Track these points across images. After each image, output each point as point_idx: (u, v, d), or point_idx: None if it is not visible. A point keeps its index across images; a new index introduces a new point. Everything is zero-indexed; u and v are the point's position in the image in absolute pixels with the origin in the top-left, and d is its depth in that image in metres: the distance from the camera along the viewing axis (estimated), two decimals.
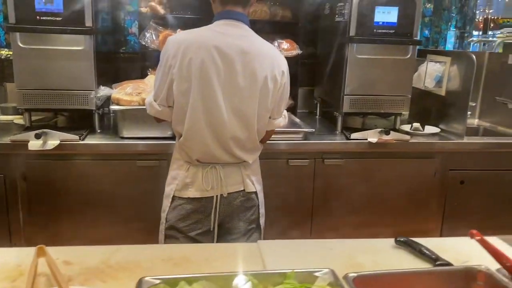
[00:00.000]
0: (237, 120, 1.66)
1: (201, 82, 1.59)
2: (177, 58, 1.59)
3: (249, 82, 1.63)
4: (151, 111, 1.74)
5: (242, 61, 1.61)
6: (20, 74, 2.25)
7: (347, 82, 2.48)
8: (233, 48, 1.61)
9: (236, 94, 1.63)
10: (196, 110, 1.62)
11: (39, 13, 2.20)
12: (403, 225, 2.56)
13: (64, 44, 2.24)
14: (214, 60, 1.59)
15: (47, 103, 2.29)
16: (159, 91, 1.68)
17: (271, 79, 1.66)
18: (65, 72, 2.27)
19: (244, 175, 1.77)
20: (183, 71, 1.59)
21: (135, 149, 2.26)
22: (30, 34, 2.21)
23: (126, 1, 2.97)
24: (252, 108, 1.66)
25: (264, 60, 1.65)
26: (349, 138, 2.42)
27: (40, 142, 2.13)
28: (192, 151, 1.70)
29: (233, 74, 1.61)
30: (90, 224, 2.31)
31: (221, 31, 1.65)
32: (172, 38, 1.69)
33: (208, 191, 1.72)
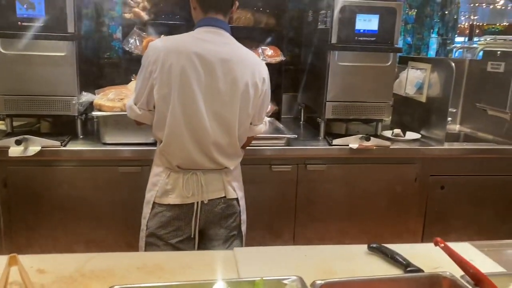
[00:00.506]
0: (218, 126, 1.67)
1: (181, 88, 1.60)
2: (157, 63, 1.61)
3: (230, 88, 1.65)
4: (131, 114, 1.75)
5: (223, 68, 1.63)
6: (1, 79, 2.24)
7: (329, 89, 2.50)
8: (214, 55, 1.63)
9: (217, 99, 1.64)
10: (176, 116, 1.63)
11: (21, 19, 2.19)
12: (384, 230, 2.59)
13: (46, 50, 2.23)
14: (195, 66, 1.61)
15: (29, 109, 2.28)
16: (139, 95, 1.69)
17: (252, 85, 1.68)
18: (47, 78, 2.26)
19: (225, 182, 1.78)
20: (163, 77, 1.60)
21: (117, 155, 2.26)
22: (11, 40, 2.20)
23: (110, 7, 2.97)
24: (233, 113, 1.68)
25: (245, 66, 1.68)
26: (331, 144, 2.44)
27: (21, 149, 2.12)
28: (173, 157, 1.70)
29: (214, 80, 1.63)
30: (71, 230, 2.30)
31: (202, 37, 1.67)
32: (153, 43, 1.70)
33: (189, 198, 1.73)
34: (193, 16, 1.78)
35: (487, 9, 7.94)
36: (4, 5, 2.17)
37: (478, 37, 5.75)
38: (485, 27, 8.72)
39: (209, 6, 1.70)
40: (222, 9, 1.72)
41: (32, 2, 2.18)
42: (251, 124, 1.80)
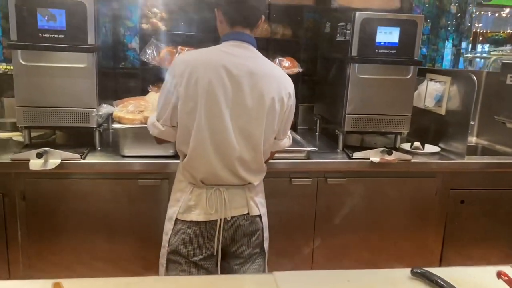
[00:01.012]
0: (244, 141, 1.65)
1: (207, 102, 1.58)
2: (183, 77, 1.59)
3: (257, 103, 1.63)
4: (154, 131, 1.73)
5: (250, 82, 1.61)
6: (20, 91, 2.22)
7: (349, 101, 2.49)
8: (241, 69, 1.61)
9: (243, 114, 1.62)
10: (201, 130, 1.60)
11: (42, 30, 2.17)
12: (404, 243, 2.57)
13: (66, 62, 2.21)
14: (222, 80, 1.58)
15: (47, 120, 2.26)
16: (163, 111, 1.67)
17: (278, 100, 1.66)
18: (67, 90, 2.24)
19: (249, 198, 1.75)
20: (189, 90, 1.58)
21: (136, 168, 2.23)
22: (31, 51, 2.19)
23: (126, 16, 2.97)
24: (259, 129, 1.65)
25: (271, 81, 1.66)
26: (351, 157, 2.42)
27: (41, 162, 2.09)
28: (197, 171, 1.68)
29: (241, 94, 1.61)
30: (89, 244, 2.27)
31: (229, 51, 1.65)
32: (179, 57, 1.69)
33: (212, 215, 1.70)
34: (218, 29, 1.77)
35: (492, 17, 7.95)
36: (26, 17, 2.15)
37: (482, 44, 5.74)
38: (489, 34, 8.70)
39: (236, 20, 1.68)
40: (249, 24, 1.70)
41: (53, 14, 2.17)
42: (275, 138, 1.79)
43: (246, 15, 1.68)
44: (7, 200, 2.18)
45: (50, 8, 2.16)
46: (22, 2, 2.14)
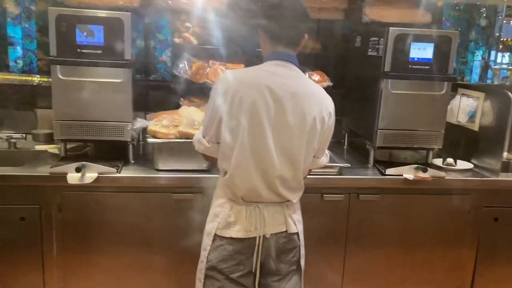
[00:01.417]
0: (285, 160, 1.66)
1: (251, 121, 1.61)
2: (227, 95, 1.62)
3: (298, 122, 1.64)
4: (199, 147, 1.76)
5: (292, 102, 1.63)
6: (58, 105, 2.27)
7: (381, 117, 2.47)
8: (284, 89, 1.63)
9: (285, 133, 1.64)
10: (244, 148, 1.63)
11: (80, 46, 2.22)
12: (436, 261, 2.54)
13: (103, 76, 2.25)
14: (265, 99, 1.61)
15: (83, 134, 2.30)
16: (208, 128, 1.70)
17: (319, 120, 1.68)
18: (103, 104, 2.28)
19: (287, 215, 1.77)
20: (233, 109, 1.61)
21: (171, 182, 2.25)
22: (70, 67, 2.23)
23: (157, 30, 3.00)
24: (300, 148, 1.67)
25: (313, 101, 1.68)
26: (384, 174, 2.40)
27: (79, 175, 2.13)
28: (238, 188, 1.69)
29: (283, 113, 1.63)
30: (124, 256, 2.30)
31: (272, 71, 1.67)
32: (223, 76, 1.72)
33: (251, 232, 1.71)
34: (262, 48, 1.79)
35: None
36: (65, 33, 2.20)
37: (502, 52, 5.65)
38: (509, 42, 8.58)
39: (278, 41, 1.71)
40: (292, 43, 1.72)
41: (91, 30, 2.21)
42: (314, 156, 1.80)
43: (288, 35, 1.70)
44: (44, 212, 2.22)
45: (89, 24, 2.20)
46: (62, 18, 2.19)
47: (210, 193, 2.14)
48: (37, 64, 2.97)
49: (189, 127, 2.30)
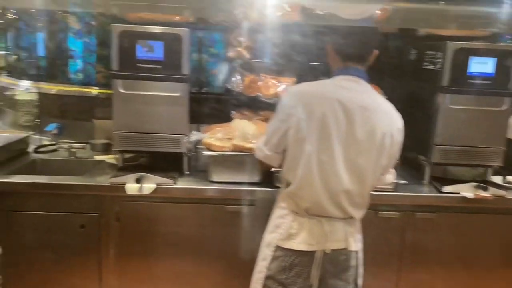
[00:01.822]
0: (351, 174, 1.67)
1: (320, 134, 1.63)
2: (298, 107, 1.65)
3: (368, 137, 1.65)
4: (259, 155, 1.81)
5: (362, 116, 1.65)
6: (118, 117, 2.36)
7: (438, 132, 2.41)
8: (354, 103, 1.65)
9: (353, 147, 1.65)
10: (311, 160, 1.65)
11: (140, 61, 2.30)
12: (494, 283, 2.43)
13: (162, 90, 2.32)
14: (336, 113, 1.63)
15: (141, 145, 2.38)
16: (271, 137, 1.74)
17: (389, 136, 1.69)
18: (160, 117, 2.35)
19: (348, 233, 1.76)
20: (302, 121, 1.64)
21: (225, 194, 2.28)
22: (130, 81, 2.31)
23: (210, 44, 3.07)
24: (368, 163, 1.68)
25: (383, 116, 1.69)
26: (441, 191, 2.33)
27: (138, 186, 2.20)
28: (302, 200, 1.71)
29: (353, 128, 1.64)
30: (178, 266, 2.35)
31: (343, 85, 1.70)
32: (294, 89, 1.77)
33: (313, 245, 1.72)
34: (330, 63, 1.82)
35: None
36: (127, 48, 2.28)
37: None
38: None
39: (348, 57, 1.73)
40: (361, 59, 1.75)
41: (151, 45, 2.29)
42: (380, 174, 1.79)
43: (358, 51, 1.73)
44: (103, 221, 2.30)
45: (149, 40, 2.28)
46: (124, 34, 2.28)
47: (263, 205, 2.16)
48: (96, 76, 3.10)
49: (242, 140, 2.33)
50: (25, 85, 3.25)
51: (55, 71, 3.14)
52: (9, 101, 3.44)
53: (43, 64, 3.15)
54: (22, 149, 2.78)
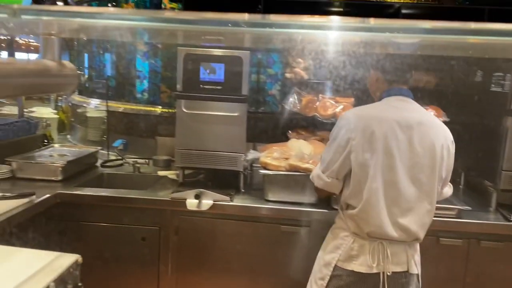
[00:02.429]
0: (417, 191, 1.68)
1: (383, 155, 1.66)
2: (357, 131, 1.68)
3: (428, 152, 1.68)
4: (319, 183, 1.82)
5: (419, 133, 1.69)
6: (180, 135, 2.46)
7: (506, 157, 2.29)
8: (410, 121, 1.69)
9: (416, 165, 1.67)
10: (376, 182, 1.66)
11: (203, 82, 2.40)
12: None
13: (222, 110, 2.41)
14: (396, 133, 1.67)
15: (201, 162, 2.46)
16: (331, 164, 1.75)
17: (446, 148, 1.72)
18: (220, 136, 2.43)
19: (409, 255, 1.75)
20: (364, 144, 1.66)
21: (280, 213, 2.30)
22: (193, 101, 2.42)
23: (268, 65, 3.14)
24: (432, 177, 1.69)
25: (438, 130, 1.74)
26: (509, 220, 2.20)
27: (197, 202, 2.27)
28: (366, 224, 1.71)
29: (413, 146, 1.67)
30: (233, 281, 2.38)
31: (396, 106, 1.75)
32: (350, 112, 1.80)
33: (373, 268, 1.71)
34: (373, 86, 1.89)
35: None
36: (190, 70, 2.40)
37: None
38: None
39: (393, 79, 1.81)
40: (406, 81, 1.83)
41: (213, 67, 2.39)
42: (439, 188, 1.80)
43: (401, 74, 1.82)
44: (163, 234, 2.39)
45: (211, 62, 2.39)
46: (189, 57, 2.39)
47: (318, 227, 2.15)
48: (160, 96, 3.26)
49: (298, 160, 2.34)
50: (95, 103, 3.49)
51: (123, 90, 3.34)
52: (80, 118, 3.71)
53: (112, 84, 3.37)
54: (91, 163, 2.97)
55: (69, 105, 3.94)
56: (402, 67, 1.83)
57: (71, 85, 0.94)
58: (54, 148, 3.07)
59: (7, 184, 2.44)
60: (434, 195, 1.71)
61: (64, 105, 4.09)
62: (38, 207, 2.18)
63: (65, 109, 3.98)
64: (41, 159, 2.69)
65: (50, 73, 0.84)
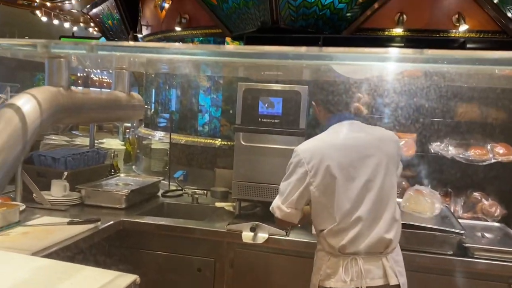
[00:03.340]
0: (379, 201, 1.76)
1: (344, 177, 1.74)
2: (311, 162, 1.77)
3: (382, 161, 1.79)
4: (280, 213, 1.88)
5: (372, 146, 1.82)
6: (238, 167, 2.51)
7: None
8: (361, 138, 1.84)
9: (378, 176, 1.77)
10: (341, 204, 1.74)
11: (261, 116, 2.46)
12: None
13: (279, 143, 2.43)
14: (350, 153, 1.78)
15: (258, 195, 2.48)
16: (289, 195, 1.83)
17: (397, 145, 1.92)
18: (276, 169, 2.41)
19: (387, 267, 1.75)
20: (320, 173, 1.75)
21: None
22: (251, 134, 2.47)
23: None
24: (391, 184, 1.80)
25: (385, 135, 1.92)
26: None
27: (252, 235, 2.27)
28: (335, 241, 1.76)
29: (370, 159, 1.78)
30: None
31: (342, 130, 1.87)
32: (301, 146, 1.88)
33: (348, 283, 1.73)
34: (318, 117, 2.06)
35: None
36: (250, 104, 2.47)
37: None
38: None
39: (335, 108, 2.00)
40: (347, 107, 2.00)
41: (272, 102, 2.44)
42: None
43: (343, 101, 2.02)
44: (218, 266, 2.41)
45: (270, 96, 2.44)
46: (248, 92, 2.47)
47: None
48: (220, 129, 3.36)
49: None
50: (159, 135, 3.67)
51: (185, 123, 3.49)
52: (145, 149, 3.90)
53: (175, 117, 3.53)
54: (153, 192, 3.09)
55: (136, 137, 4.17)
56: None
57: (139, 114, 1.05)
58: (120, 177, 3.23)
59: (76, 210, 2.60)
60: (394, 199, 1.80)
61: (131, 137, 4.33)
62: (102, 233, 2.29)
63: (131, 141, 4.21)
64: (107, 188, 2.84)
65: (121, 103, 0.94)
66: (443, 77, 2.33)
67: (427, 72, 1.80)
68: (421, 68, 1.71)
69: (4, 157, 0.54)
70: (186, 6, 3.44)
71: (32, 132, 0.61)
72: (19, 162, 0.59)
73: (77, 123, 3.79)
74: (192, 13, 3.38)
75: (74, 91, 0.76)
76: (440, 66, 1.50)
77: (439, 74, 2.33)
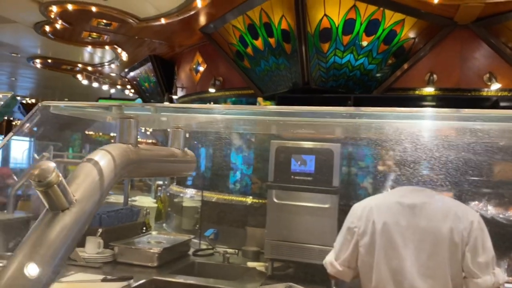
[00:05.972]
0: (427, 279, 1.58)
1: (385, 242, 1.63)
2: (361, 220, 1.69)
3: (434, 236, 1.60)
4: (331, 270, 1.79)
5: (424, 216, 1.63)
6: (270, 226, 2.49)
7: None
8: (413, 204, 1.67)
9: (423, 250, 1.60)
10: (381, 269, 1.63)
11: (294, 173, 2.47)
12: None
13: (312, 201, 2.42)
14: (398, 217, 1.64)
15: (290, 255, 2.43)
16: (342, 252, 1.75)
17: (457, 233, 1.58)
18: (310, 228, 2.40)
19: None
20: (367, 230, 1.66)
21: None
22: (284, 191, 2.47)
23: (360, 158, 3.14)
24: (442, 263, 1.58)
25: (446, 211, 1.64)
26: None
27: None
28: None
29: (418, 230, 1.62)
30: None
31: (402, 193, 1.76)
32: (358, 203, 1.82)
33: None
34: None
35: None
36: (282, 162, 2.49)
37: None
38: None
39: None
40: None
41: (304, 159, 2.46)
42: (473, 278, 1.58)
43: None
44: None
45: (303, 154, 2.46)
46: (281, 150, 2.50)
47: None
48: (251, 187, 3.38)
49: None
50: (191, 193, 3.71)
51: (217, 181, 3.53)
52: (176, 207, 3.93)
53: (207, 175, 3.58)
54: (184, 251, 3.06)
55: (167, 195, 4.22)
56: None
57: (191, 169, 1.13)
58: (151, 235, 3.24)
59: (108, 267, 2.60)
60: (448, 282, 1.57)
61: (162, 195, 4.39)
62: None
63: (163, 199, 4.26)
64: (140, 245, 2.85)
65: (177, 158, 1.00)
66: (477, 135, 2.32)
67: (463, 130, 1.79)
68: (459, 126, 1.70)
69: (83, 207, 0.58)
70: (220, 69, 3.60)
71: (108, 184, 0.65)
72: (95, 212, 0.63)
73: (142, 176, 3.89)
74: (226, 75, 3.54)
75: (141, 148, 0.81)
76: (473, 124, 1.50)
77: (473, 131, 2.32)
